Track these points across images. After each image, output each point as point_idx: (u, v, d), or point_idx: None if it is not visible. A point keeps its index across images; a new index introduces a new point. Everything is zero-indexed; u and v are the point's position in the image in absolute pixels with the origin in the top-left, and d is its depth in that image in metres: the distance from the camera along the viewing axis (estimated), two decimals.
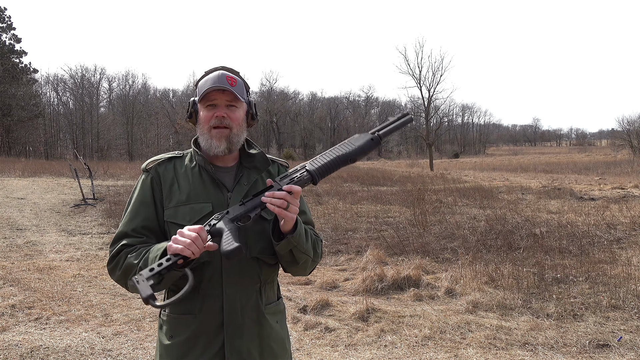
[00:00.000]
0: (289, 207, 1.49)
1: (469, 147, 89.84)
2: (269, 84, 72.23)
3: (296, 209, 1.52)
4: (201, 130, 1.67)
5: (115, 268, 1.60)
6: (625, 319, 4.71)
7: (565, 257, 6.95)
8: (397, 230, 8.95)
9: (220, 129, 1.63)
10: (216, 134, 1.63)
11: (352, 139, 1.61)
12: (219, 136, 1.63)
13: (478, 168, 36.41)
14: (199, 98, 1.66)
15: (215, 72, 1.69)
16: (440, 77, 44.67)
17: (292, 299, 5.34)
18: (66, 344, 4.11)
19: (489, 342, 4.22)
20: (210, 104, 1.65)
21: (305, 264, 1.66)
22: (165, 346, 1.63)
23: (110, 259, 1.62)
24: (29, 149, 48.31)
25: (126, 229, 1.63)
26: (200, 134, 1.68)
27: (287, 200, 1.49)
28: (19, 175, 20.69)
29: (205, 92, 1.63)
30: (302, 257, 1.62)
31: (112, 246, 1.63)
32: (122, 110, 57.46)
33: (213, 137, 1.63)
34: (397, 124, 1.62)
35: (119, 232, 1.64)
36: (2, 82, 41.13)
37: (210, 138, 1.64)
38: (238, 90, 1.65)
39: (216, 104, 1.65)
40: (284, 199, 1.48)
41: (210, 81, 1.65)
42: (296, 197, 1.51)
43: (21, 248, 7.75)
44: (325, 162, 1.57)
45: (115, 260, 1.60)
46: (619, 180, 20.25)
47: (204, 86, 1.66)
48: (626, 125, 53.87)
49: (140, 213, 1.64)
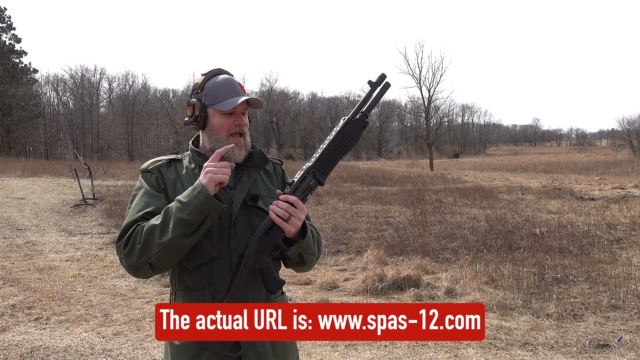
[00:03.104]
0: (290, 219, 1.52)
1: (469, 147, 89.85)
2: (269, 84, 72.30)
3: (298, 221, 1.54)
4: (216, 137, 1.65)
5: (133, 245, 1.51)
6: (625, 319, 4.71)
7: (565, 257, 6.95)
8: (397, 230, 8.95)
9: (238, 138, 1.65)
10: (235, 143, 1.64)
11: (349, 129, 1.60)
12: (239, 145, 1.65)
13: (478, 168, 36.42)
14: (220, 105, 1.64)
15: (225, 77, 1.69)
16: (440, 77, 44.76)
17: (292, 299, 5.34)
18: (66, 344, 4.11)
19: (489, 342, 4.22)
20: (229, 111, 1.65)
21: (312, 263, 1.72)
22: (177, 346, 1.60)
23: (124, 243, 1.53)
24: (29, 149, 48.32)
25: (134, 218, 1.57)
26: (214, 140, 1.66)
27: (289, 212, 1.52)
28: (19, 175, 20.70)
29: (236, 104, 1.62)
30: (309, 258, 1.67)
31: (121, 238, 1.56)
32: (122, 110, 57.44)
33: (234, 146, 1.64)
34: (378, 94, 1.62)
35: (126, 224, 1.57)
36: (2, 82, 41.13)
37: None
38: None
39: (235, 111, 1.65)
40: (286, 211, 1.52)
41: (228, 88, 1.66)
42: (299, 209, 1.54)
43: (21, 248, 7.75)
44: (331, 164, 1.60)
45: (131, 238, 1.52)
46: (619, 180, 20.26)
47: (220, 93, 1.65)
48: (626, 125, 53.88)
49: (150, 203, 1.60)
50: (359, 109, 1.61)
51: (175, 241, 1.48)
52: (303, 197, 1.58)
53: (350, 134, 1.60)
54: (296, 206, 1.53)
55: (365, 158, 65.73)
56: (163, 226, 1.49)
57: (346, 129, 1.60)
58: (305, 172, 1.59)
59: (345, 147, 1.61)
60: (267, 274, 1.57)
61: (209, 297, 1.59)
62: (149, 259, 1.50)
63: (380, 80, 1.61)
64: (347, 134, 1.60)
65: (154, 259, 1.50)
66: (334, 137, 1.60)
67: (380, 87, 1.61)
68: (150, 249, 1.49)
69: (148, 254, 1.50)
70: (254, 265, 1.55)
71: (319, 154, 1.60)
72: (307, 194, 1.59)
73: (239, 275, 1.54)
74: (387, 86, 1.62)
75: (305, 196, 1.58)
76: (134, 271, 1.55)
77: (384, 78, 1.61)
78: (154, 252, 1.49)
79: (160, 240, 1.48)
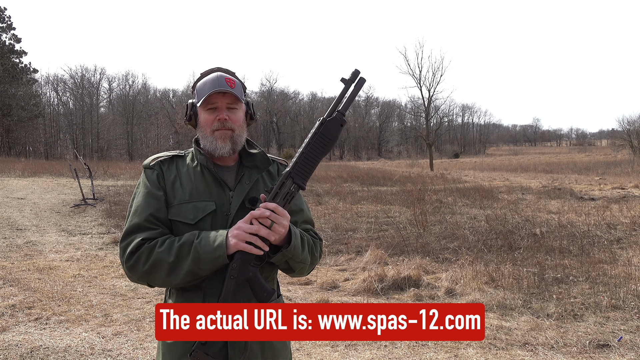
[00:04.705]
0: (272, 225, 1.50)
1: (469, 147, 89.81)
2: (269, 84, 72.28)
3: (281, 228, 1.52)
4: (203, 133, 1.66)
5: (137, 264, 1.54)
6: (625, 319, 4.71)
7: (565, 257, 6.95)
8: (397, 230, 8.95)
9: (224, 130, 1.63)
10: (220, 135, 1.63)
11: (325, 130, 1.57)
12: (224, 137, 1.63)
13: (478, 168, 36.39)
14: (200, 102, 1.64)
15: (213, 74, 1.68)
16: (440, 77, 44.82)
17: (292, 299, 5.34)
18: (66, 344, 4.11)
19: (489, 342, 4.22)
20: (211, 107, 1.64)
21: (302, 270, 1.68)
22: (168, 344, 1.62)
23: (128, 255, 1.55)
24: (29, 149, 48.32)
25: (139, 220, 1.58)
26: (202, 137, 1.67)
27: (271, 219, 1.50)
28: (19, 175, 20.70)
29: (207, 96, 1.62)
30: (298, 266, 1.64)
31: (125, 240, 1.58)
32: (122, 110, 57.41)
33: (217, 138, 1.63)
34: (353, 92, 1.58)
35: (131, 225, 1.58)
36: (2, 82, 41.12)
37: (215, 140, 1.63)
38: (237, 91, 1.65)
39: (217, 106, 1.64)
40: (267, 218, 1.50)
41: (210, 84, 1.64)
42: (281, 215, 1.51)
43: (21, 248, 7.75)
44: (310, 167, 1.57)
45: (135, 255, 1.54)
46: (619, 180, 20.25)
47: (203, 89, 1.65)
48: (626, 125, 53.85)
49: (151, 205, 1.61)
50: (334, 108, 1.57)
51: (181, 284, 1.56)
52: (284, 203, 1.55)
53: (327, 135, 1.56)
54: (277, 212, 1.51)
55: (365, 158, 65.75)
56: (174, 266, 1.52)
57: (322, 129, 1.56)
58: (283, 178, 1.56)
59: (323, 149, 1.57)
60: (255, 284, 1.55)
61: (200, 298, 1.60)
62: (150, 283, 1.59)
63: (354, 77, 1.57)
64: (324, 135, 1.56)
65: (155, 285, 1.59)
66: (309, 139, 1.57)
67: (354, 84, 1.57)
68: (154, 280, 1.57)
69: (151, 281, 1.58)
70: (240, 277, 1.53)
71: (296, 157, 1.57)
72: (288, 200, 1.56)
73: (225, 287, 1.52)
74: (362, 82, 1.56)
75: (286, 202, 1.55)
76: (133, 281, 1.64)
77: (357, 74, 1.57)
78: (156, 283, 1.57)
79: (168, 278, 1.54)
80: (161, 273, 1.53)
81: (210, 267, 1.51)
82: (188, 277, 1.53)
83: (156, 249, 1.53)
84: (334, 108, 1.58)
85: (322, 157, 1.58)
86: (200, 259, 1.50)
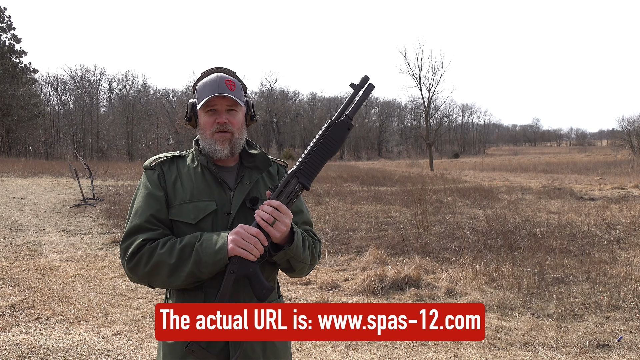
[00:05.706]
0: (275, 223, 1.51)
1: (469, 147, 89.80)
2: (269, 84, 72.25)
3: (283, 226, 1.53)
4: (203, 135, 1.67)
5: (138, 265, 1.55)
6: (625, 319, 4.71)
7: (565, 257, 6.95)
8: (397, 230, 8.95)
9: (223, 133, 1.64)
10: (219, 138, 1.64)
11: (332, 132, 1.59)
12: (222, 140, 1.64)
13: (478, 168, 36.39)
14: (200, 104, 1.64)
15: (213, 75, 1.67)
16: (440, 77, 44.87)
17: (292, 299, 5.34)
18: (66, 344, 4.11)
19: (489, 342, 4.22)
20: (210, 109, 1.64)
21: (302, 270, 1.68)
22: (168, 345, 1.62)
23: (129, 256, 1.56)
24: (29, 149, 48.32)
25: (139, 221, 1.59)
26: (202, 139, 1.68)
27: (274, 216, 1.51)
28: (19, 175, 20.70)
29: (206, 99, 1.62)
30: (298, 266, 1.64)
31: (127, 241, 1.58)
32: (122, 110, 57.38)
33: (216, 141, 1.64)
34: (361, 97, 1.61)
35: (132, 226, 1.59)
36: (2, 82, 41.11)
37: (214, 142, 1.64)
38: (237, 94, 1.65)
39: (217, 109, 1.64)
40: (270, 215, 1.51)
41: (210, 86, 1.64)
42: (284, 213, 1.52)
43: (21, 248, 7.75)
44: (315, 168, 1.59)
45: (137, 257, 1.55)
46: (619, 180, 20.25)
47: (203, 91, 1.65)
48: (626, 125, 53.88)
49: (152, 205, 1.61)
50: (343, 112, 1.60)
51: (182, 285, 1.57)
52: (288, 202, 1.56)
53: (333, 137, 1.58)
54: (280, 210, 1.52)
55: (365, 158, 65.72)
56: (175, 268, 1.53)
57: (329, 132, 1.58)
58: (288, 177, 1.57)
59: (329, 151, 1.59)
60: (254, 281, 1.55)
61: (201, 298, 1.60)
62: (151, 284, 1.60)
63: (363, 83, 1.60)
64: (331, 137, 1.58)
65: (156, 286, 1.61)
66: (317, 141, 1.59)
67: (363, 90, 1.60)
68: (155, 281, 1.58)
69: (152, 282, 1.59)
70: (240, 272, 1.53)
71: (302, 158, 1.58)
72: (292, 199, 1.57)
73: (225, 282, 1.53)
74: (371, 88, 1.60)
75: (290, 201, 1.57)
76: (134, 281, 1.65)
77: (367, 80, 1.60)
78: (157, 284, 1.59)
79: (169, 279, 1.55)
80: (162, 275, 1.54)
81: (211, 269, 1.52)
82: (189, 279, 1.54)
83: (157, 251, 1.54)
84: (342, 112, 1.60)
85: (328, 158, 1.60)
86: (202, 261, 1.51)
